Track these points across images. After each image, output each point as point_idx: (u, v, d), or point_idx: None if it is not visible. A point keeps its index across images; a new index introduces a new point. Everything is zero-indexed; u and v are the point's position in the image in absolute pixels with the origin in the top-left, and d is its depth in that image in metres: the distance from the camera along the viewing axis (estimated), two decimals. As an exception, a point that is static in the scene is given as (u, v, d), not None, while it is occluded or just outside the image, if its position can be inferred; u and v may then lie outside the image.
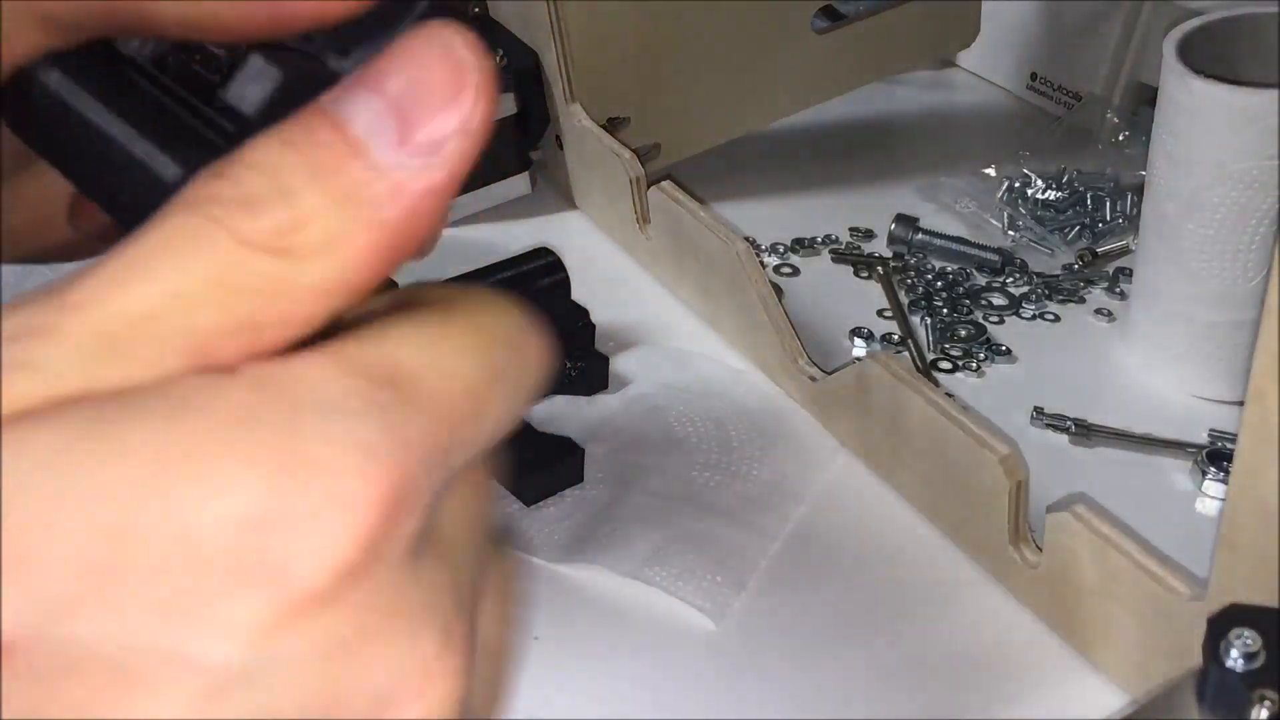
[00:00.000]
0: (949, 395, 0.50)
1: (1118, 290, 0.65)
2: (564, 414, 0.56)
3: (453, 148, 0.20)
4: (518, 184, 0.70)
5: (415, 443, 0.19)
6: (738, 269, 0.57)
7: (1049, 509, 0.45)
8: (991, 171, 0.72)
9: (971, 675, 0.46)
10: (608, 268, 0.67)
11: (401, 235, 0.20)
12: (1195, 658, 0.32)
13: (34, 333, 0.18)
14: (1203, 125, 0.52)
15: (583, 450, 0.53)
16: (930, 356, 0.61)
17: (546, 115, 0.69)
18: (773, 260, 0.68)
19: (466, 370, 0.20)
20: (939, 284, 0.65)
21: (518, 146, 0.69)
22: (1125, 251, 0.67)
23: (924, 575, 0.50)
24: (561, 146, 0.70)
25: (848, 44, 0.74)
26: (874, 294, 0.65)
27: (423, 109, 0.20)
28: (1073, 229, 0.68)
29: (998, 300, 0.64)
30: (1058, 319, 0.63)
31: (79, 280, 0.19)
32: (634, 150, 0.65)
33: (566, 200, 0.72)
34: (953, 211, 0.70)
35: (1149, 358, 0.59)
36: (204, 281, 0.19)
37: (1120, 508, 0.48)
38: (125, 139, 0.25)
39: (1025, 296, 0.64)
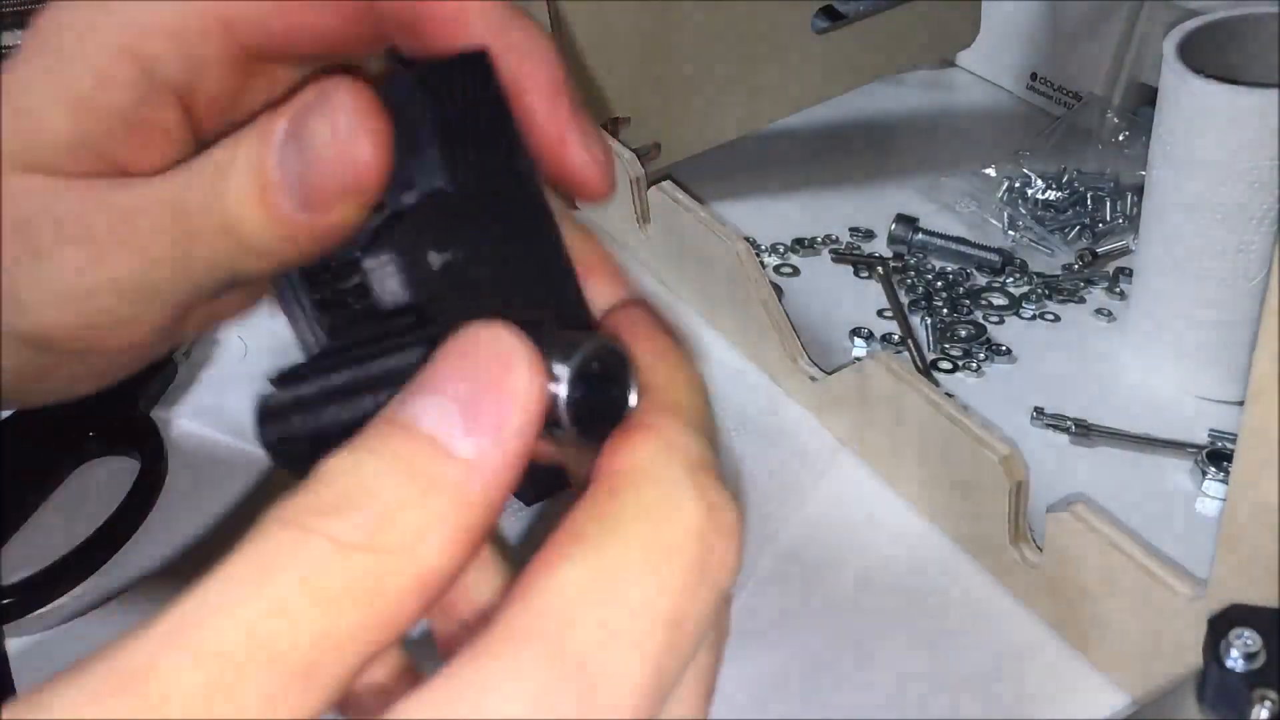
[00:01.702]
0: (949, 395, 0.50)
1: (1118, 290, 0.65)
2: (564, 414, 0.56)
3: (515, 424, 0.21)
4: (518, 184, 0.69)
5: None
6: (738, 269, 0.57)
7: (1049, 509, 0.45)
8: (991, 171, 0.72)
9: (971, 675, 0.46)
10: (608, 268, 0.66)
11: (484, 512, 0.21)
12: (1195, 658, 0.32)
13: (130, 683, 0.18)
14: (1203, 125, 0.52)
15: (583, 450, 0.53)
16: (930, 356, 0.61)
17: (546, 115, 0.69)
18: (773, 260, 0.68)
19: (650, 643, 0.21)
20: (939, 284, 0.65)
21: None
22: (1125, 251, 0.67)
23: (924, 575, 0.50)
24: (561, 146, 0.70)
25: (848, 44, 0.74)
26: (874, 294, 0.65)
27: (482, 397, 0.21)
28: (1073, 229, 0.68)
29: (998, 300, 0.64)
30: (1058, 319, 0.63)
31: (179, 610, 0.19)
32: (634, 150, 0.65)
33: (567, 200, 0.71)
34: (953, 211, 0.70)
35: (1149, 358, 0.59)
36: (303, 590, 0.19)
37: (1120, 508, 0.48)
38: None
39: (1025, 296, 0.64)
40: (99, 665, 0.19)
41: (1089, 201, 0.69)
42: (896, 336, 0.62)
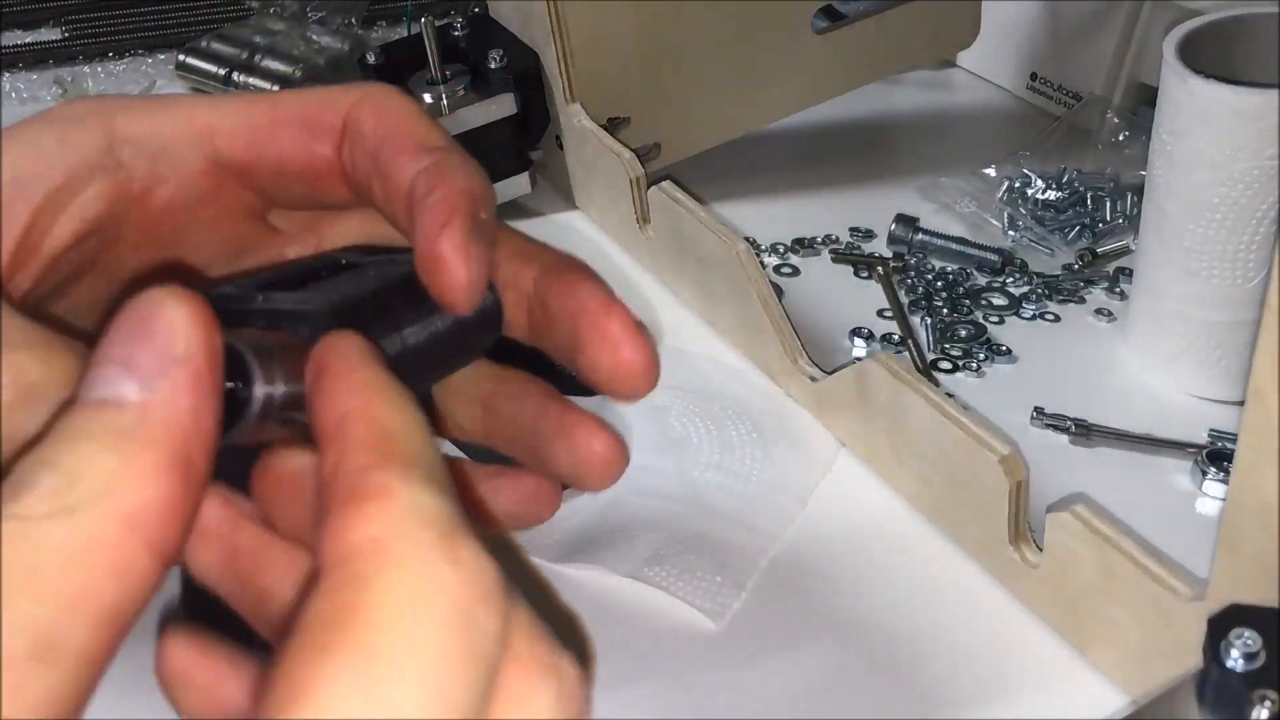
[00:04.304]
0: (949, 395, 0.50)
1: (1118, 290, 0.65)
2: (564, 414, 0.56)
3: (175, 353, 0.22)
4: (518, 184, 0.70)
5: None
6: (738, 269, 0.57)
7: (1049, 509, 0.45)
8: (991, 171, 0.72)
9: (972, 675, 0.46)
10: (608, 268, 0.66)
11: (177, 439, 0.21)
12: (1195, 658, 0.32)
13: None
14: (1203, 125, 0.52)
15: (583, 450, 0.53)
16: (930, 356, 0.61)
17: (546, 115, 0.69)
18: (773, 260, 0.68)
19: None
20: (939, 284, 0.65)
21: (518, 146, 0.69)
22: (1125, 251, 0.67)
23: (924, 575, 0.50)
24: (561, 146, 0.70)
25: (848, 44, 0.74)
26: (874, 294, 0.65)
27: (137, 348, 0.22)
28: (1073, 229, 0.68)
29: (998, 300, 0.64)
30: (1058, 319, 0.63)
31: None
32: (634, 150, 0.65)
33: (566, 200, 0.72)
34: (953, 211, 0.70)
35: (1149, 358, 0.59)
36: (9, 573, 0.19)
37: (1120, 508, 0.48)
38: None
39: (1025, 296, 0.64)
40: None
41: (1089, 201, 0.69)
42: (896, 336, 0.62)
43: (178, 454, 0.21)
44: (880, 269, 0.66)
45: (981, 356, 0.60)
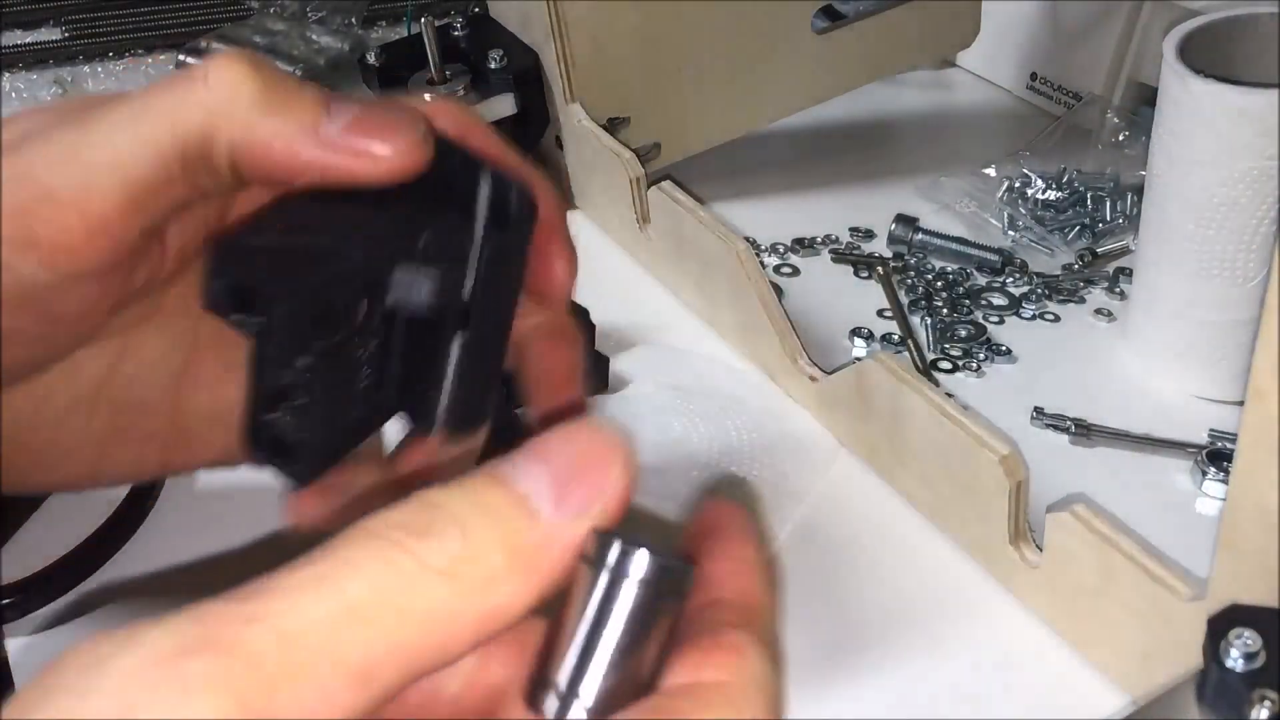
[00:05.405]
0: (949, 395, 0.50)
1: (1118, 290, 0.65)
2: (564, 414, 0.56)
3: (597, 509, 0.24)
4: (518, 184, 0.69)
5: None
6: (738, 269, 0.57)
7: (1049, 509, 0.45)
8: (991, 171, 0.72)
9: (971, 675, 0.46)
10: (608, 268, 0.67)
11: (548, 581, 0.23)
12: (1195, 658, 0.32)
13: (217, 647, 0.20)
14: (1203, 125, 0.52)
15: (583, 450, 0.53)
16: (930, 356, 0.61)
17: (546, 115, 0.69)
18: (773, 260, 0.68)
19: None
20: (939, 284, 0.65)
21: (518, 147, 0.69)
22: (1125, 251, 0.67)
23: (924, 575, 0.50)
24: (561, 146, 0.70)
25: (848, 44, 0.74)
26: (874, 294, 0.65)
27: (577, 479, 0.24)
28: (1073, 229, 0.68)
29: (998, 300, 0.64)
30: (1058, 319, 0.63)
31: (264, 591, 0.21)
32: (634, 150, 0.65)
33: (566, 200, 0.72)
34: (953, 211, 0.70)
35: (1149, 358, 0.59)
36: (381, 597, 0.21)
37: (1120, 508, 0.48)
38: None
39: (1025, 296, 0.64)
40: (185, 624, 0.20)
41: (1089, 201, 0.69)
42: (896, 336, 0.62)
43: (542, 594, 0.23)
44: (880, 269, 0.66)
45: (981, 356, 0.60)
